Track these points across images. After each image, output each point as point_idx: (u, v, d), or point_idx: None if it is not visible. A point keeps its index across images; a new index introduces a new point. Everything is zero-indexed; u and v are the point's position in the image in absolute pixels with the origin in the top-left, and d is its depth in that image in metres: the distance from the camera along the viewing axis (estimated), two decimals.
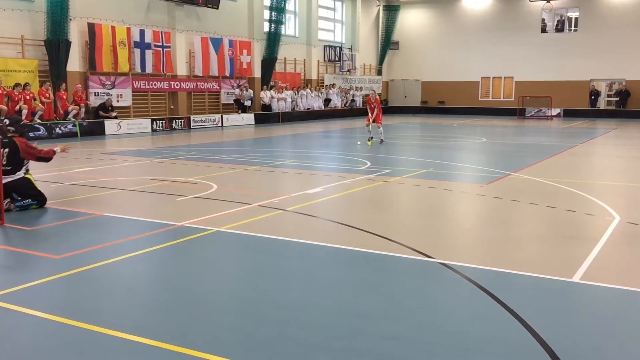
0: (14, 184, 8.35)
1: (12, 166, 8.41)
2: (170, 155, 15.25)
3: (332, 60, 36.46)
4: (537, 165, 13.84)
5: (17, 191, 8.37)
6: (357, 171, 12.58)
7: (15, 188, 8.36)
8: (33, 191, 8.53)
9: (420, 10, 41.56)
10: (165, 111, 25.59)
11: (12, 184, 8.31)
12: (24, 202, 8.38)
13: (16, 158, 8.44)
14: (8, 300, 4.94)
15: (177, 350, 4.04)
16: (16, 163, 8.44)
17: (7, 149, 8.42)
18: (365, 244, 6.82)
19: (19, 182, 8.40)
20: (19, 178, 8.44)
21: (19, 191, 8.39)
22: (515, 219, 8.46)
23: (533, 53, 37.61)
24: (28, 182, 8.54)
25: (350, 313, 4.78)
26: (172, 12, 25.33)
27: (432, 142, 20.89)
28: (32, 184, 8.58)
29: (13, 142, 8.48)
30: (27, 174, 8.62)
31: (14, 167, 8.42)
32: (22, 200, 8.40)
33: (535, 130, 26.43)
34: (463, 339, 4.30)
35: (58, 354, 4.05)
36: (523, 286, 5.52)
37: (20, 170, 8.48)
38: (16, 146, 8.45)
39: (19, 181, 8.41)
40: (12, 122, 8.74)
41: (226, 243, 7.00)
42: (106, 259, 6.14)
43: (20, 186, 8.41)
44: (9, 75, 19.30)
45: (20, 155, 8.47)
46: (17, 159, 8.45)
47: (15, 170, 8.42)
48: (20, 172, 8.49)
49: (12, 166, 8.41)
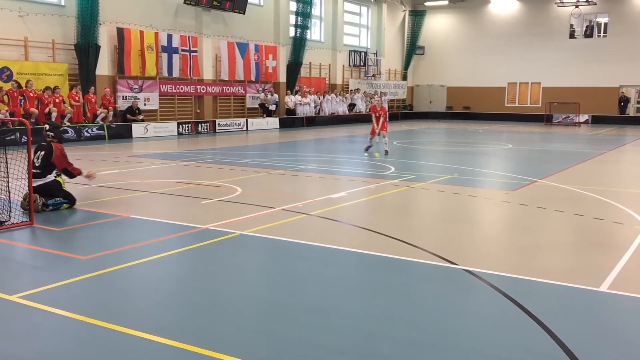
0: (44, 186, 8.57)
1: (43, 169, 8.64)
2: (195, 159, 15.39)
3: (357, 65, 36.44)
4: (564, 172, 13.64)
5: (46, 192, 8.57)
6: (381, 176, 12.55)
7: (45, 189, 8.57)
8: (61, 193, 8.74)
9: (446, 15, 41.35)
10: (191, 115, 25.85)
11: (42, 186, 8.54)
12: (55, 200, 8.59)
13: (48, 161, 8.69)
14: (36, 299, 5.03)
15: (199, 352, 4.07)
16: (47, 166, 8.67)
17: (43, 152, 8.71)
18: (389, 249, 6.80)
19: (48, 184, 8.64)
20: (50, 181, 8.67)
21: (48, 192, 8.59)
22: (541, 226, 8.34)
23: (561, 58, 37.13)
24: (57, 183, 8.77)
25: (372, 318, 4.77)
26: (199, 17, 25.60)
27: (457, 147, 20.74)
28: (60, 186, 8.80)
29: (50, 146, 8.76)
30: (58, 177, 8.83)
31: (45, 171, 8.65)
32: (52, 199, 8.61)
33: (563, 137, 26.08)
34: (486, 347, 4.25)
35: (83, 353, 4.11)
36: (549, 294, 5.44)
37: (50, 173, 8.70)
38: (52, 150, 8.71)
39: (49, 183, 8.64)
40: (52, 128, 9.04)
41: (250, 246, 7.04)
42: (131, 260, 6.22)
43: (50, 188, 8.62)
44: (39, 79, 19.69)
45: (52, 159, 8.70)
46: (49, 162, 8.70)
47: (45, 173, 8.65)
48: (51, 175, 8.71)
49: (43, 169, 8.64)
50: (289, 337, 4.37)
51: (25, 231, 7.49)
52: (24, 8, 19.52)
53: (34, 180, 8.52)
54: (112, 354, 4.08)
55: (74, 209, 8.70)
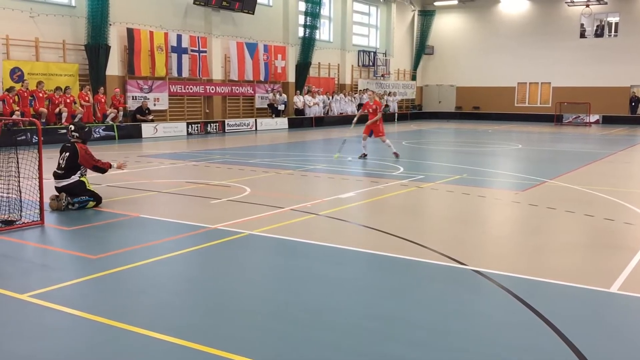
0: (69, 187, 8.70)
1: (66, 170, 8.75)
2: (204, 159, 15.44)
3: (366, 65, 36.42)
4: (575, 173, 13.57)
5: (72, 193, 8.70)
6: (390, 176, 12.53)
7: (70, 190, 8.70)
8: (86, 193, 8.84)
9: (456, 15, 41.23)
10: (200, 115, 25.93)
11: (67, 187, 8.69)
12: (81, 198, 8.69)
13: (73, 162, 8.78)
14: (46, 298, 5.07)
15: (208, 351, 4.08)
16: (71, 167, 8.77)
17: (68, 153, 8.81)
18: (397, 249, 6.79)
19: (74, 185, 8.76)
20: (74, 181, 8.78)
21: (73, 193, 8.71)
22: (551, 227, 8.30)
23: (571, 58, 36.94)
24: (82, 184, 8.88)
25: (380, 318, 4.76)
26: (208, 18, 25.67)
27: (467, 147, 20.67)
28: (85, 186, 8.90)
29: (74, 147, 8.85)
30: (83, 177, 8.92)
31: (68, 171, 8.75)
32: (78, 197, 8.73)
33: (573, 137, 25.93)
34: (495, 348, 4.24)
35: (93, 352, 4.13)
36: (559, 295, 5.41)
37: (75, 174, 8.80)
38: (76, 151, 8.80)
39: (74, 184, 8.76)
40: (77, 128, 9.09)
41: (258, 246, 7.05)
42: (141, 260, 6.25)
43: (75, 189, 8.74)
44: (50, 79, 19.82)
45: (78, 160, 8.80)
46: (74, 163, 8.78)
47: (69, 174, 8.76)
48: (75, 175, 8.81)
49: (66, 170, 8.75)
50: (297, 337, 4.37)
51: (35, 230, 7.54)
52: (35, 9, 19.65)
53: (59, 181, 8.71)
54: (122, 353, 4.10)
55: (85, 209, 8.74)
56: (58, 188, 8.76)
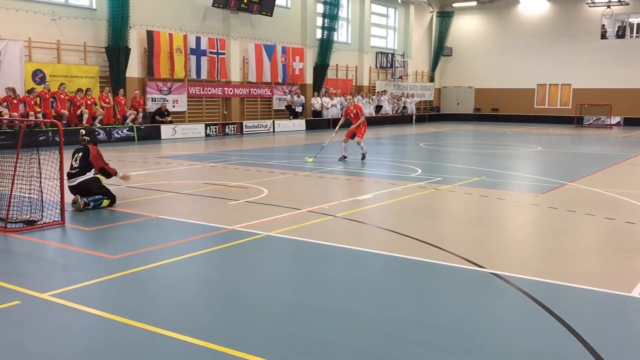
0: (83, 184, 8.98)
1: (80, 168, 9.08)
2: (222, 160, 15.52)
3: (383, 66, 36.35)
4: (595, 175, 13.41)
5: (87, 190, 8.94)
6: (408, 178, 12.49)
7: (86, 187, 8.95)
8: (101, 190, 9.10)
9: (475, 17, 40.98)
10: (218, 116, 26.07)
11: (81, 184, 8.97)
12: (95, 197, 8.92)
13: (86, 161, 9.13)
14: (67, 297, 5.13)
15: (225, 352, 4.10)
16: (85, 166, 9.11)
17: (81, 153, 9.20)
18: (415, 252, 6.76)
19: (87, 181, 9.03)
20: (89, 178, 9.06)
21: (89, 190, 8.96)
22: (571, 230, 8.21)
23: (592, 59, 36.50)
24: (97, 180, 9.18)
25: (397, 321, 4.75)
26: (227, 20, 25.81)
27: (485, 150, 20.53)
28: (100, 183, 9.19)
29: (86, 148, 9.23)
30: (97, 175, 9.24)
31: (82, 169, 9.08)
32: (92, 196, 8.95)
33: (594, 139, 25.62)
34: (514, 352, 4.21)
35: (113, 351, 4.18)
36: (578, 299, 5.36)
37: (89, 171, 9.12)
38: (88, 151, 9.17)
39: (89, 180, 9.04)
40: (87, 132, 9.51)
41: (276, 248, 7.07)
42: (160, 260, 6.30)
43: (90, 186, 9.01)
44: (71, 81, 20.08)
45: (89, 159, 9.12)
46: (87, 162, 9.13)
47: (84, 171, 9.07)
48: (90, 172, 9.12)
49: (80, 168, 9.08)
50: (313, 339, 4.38)
51: (56, 230, 7.64)
52: (56, 12, 19.92)
53: (74, 180, 9.04)
54: (141, 353, 4.14)
55: (105, 209, 8.85)
56: (73, 187, 8.96)
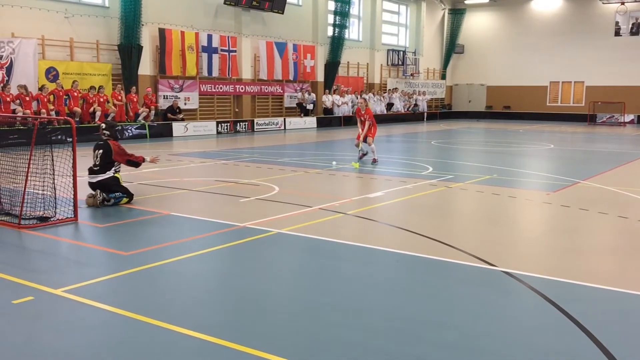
0: (104, 182, 8.99)
1: (101, 167, 9.06)
2: (234, 157, 15.56)
3: (395, 64, 36.26)
4: (608, 174, 13.30)
5: (105, 188, 8.96)
6: (419, 176, 12.46)
7: (103, 185, 8.97)
8: (121, 188, 9.12)
9: (487, 14, 40.75)
10: (230, 114, 26.14)
11: (102, 182, 8.98)
12: (115, 194, 8.96)
13: (107, 159, 9.09)
14: (79, 293, 5.17)
15: (236, 348, 4.12)
16: (106, 164, 9.08)
17: (101, 150, 9.12)
18: (426, 249, 6.75)
19: (108, 180, 9.04)
20: (109, 177, 9.06)
21: (107, 188, 8.98)
22: (584, 229, 8.16)
23: (605, 57, 36.18)
24: (116, 179, 9.17)
25: (408, 319, 4.74)
26: (238, 17, 25.86)
27: (497, 147, 20.42)
28: (118, 181, 9.20)
29: (107, 145, 9.17)
30: (116, 173, 9.23)
31: (103, 167, 9.06)
32: (112, 193, 8.99)
33: (607, 137, 25.42)
34: (526, 351, 4.19)
35: (125, 346, 4.21)
36: (591, 298, 5.32)
37: (109, 170, 9.09)
38: (109, 148, 9.11)
39: (108, 179, 9.04)
40: (107, 127, 9.45)
41: (287, 245, 7.08)
42: (171, 257, 6.34)
43: (109, 184, 9.02)
44: (84, 79, 20.21)
45: (112, 157, 9.10)
46: (109, 160, 9.10)
47: (104, 170, 9.06)
48: (110, 171, 9.10)
49: (101, 167, 9.06)
50: (324, 336, 4.38)
51: (69, 227, 7.70)
52: (69, 10, 20.05)
53: (94, 177, 9.01)
54: (152, 349, 4.16)
55: (118, 206, 8.90)
56: (92, 183, 8.99)
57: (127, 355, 4.07)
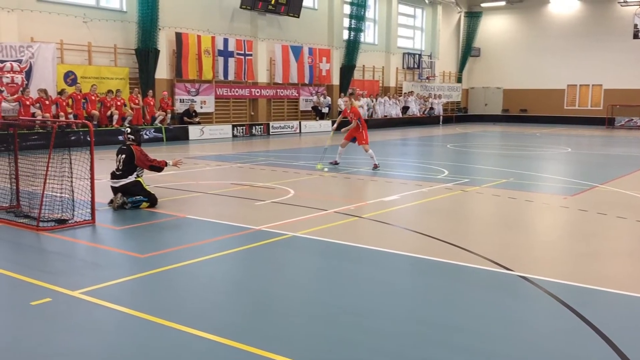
0: (127, 186, 9.04)
1: (123, 171, 9.11)
2: (249, 161, 15.62)
3: (410, 67, 36.18)
4: (627, 178, 13.15)
5: (127, 192, 9.02)
6: (435, 179, 12.41)
7: (126, 190, 9.03)
8: (142, 192, 9.15)
9: (503, 17, 40.52)
10: (245, 117, 26.25)
11: (125, 186, 9.03)
12: (135, 198, 9.01)
13: (130, 164, 9.13)
14: (96, 295, 5.22)
15: (250, 350, 4.13)
16: (129, 169, 9.13)
17: (124, 155, 9.17)
18: (442, 253, 6.72)
19: (129, 184, 9.08)
20: (131, 181, 9.10)
21: (130, 192, 9.04)
22: (602, 233, 8.07)
23: (624, 60, 35.78)
24: (139, 184, 9.19)
25: (422, 323, 4.73)
26: (254, 21, 25.97)
27: (513, 151, 20.28)
28: (141, 185, 9.21)
29: (130, 150, 9.20)
30: (139, 178, 9.25)
31: (125, 172, 9.11)
32: (133, 197, 9.05)
33: (625, 141, 25.12)
34: (542, 355, 4.15)
35: (141, 348, 4.24)
36: (609, 303, 5.26)
37: (132, 174, 9.14)
38: (132, 153, 9.15)
39: (131, 183, 9.09)
40: (132, 132, 9.49)
41: (302, 248, 7.09)
42: (187, 259, 6.37)
43: (132, 188, 9.07)
44: (102, 82, 20.43)
45: (135, 162, 9.15)
46: (131, 165, 9.14)
47: (126, 174, 9.11)
48: (132, 176, 9.14)
49: (123, 171, 9.11)
50: (338, 340, 4.38)
51: (87, 229, 7.78)
52: (88, 14, 20.29)
53: (117, 181, 9.08)
54: (168, 351, 4.19)
55: (135, 209, 8.96)
56: (115, 188, 9.07)
57: (143, 357, 4.10)
